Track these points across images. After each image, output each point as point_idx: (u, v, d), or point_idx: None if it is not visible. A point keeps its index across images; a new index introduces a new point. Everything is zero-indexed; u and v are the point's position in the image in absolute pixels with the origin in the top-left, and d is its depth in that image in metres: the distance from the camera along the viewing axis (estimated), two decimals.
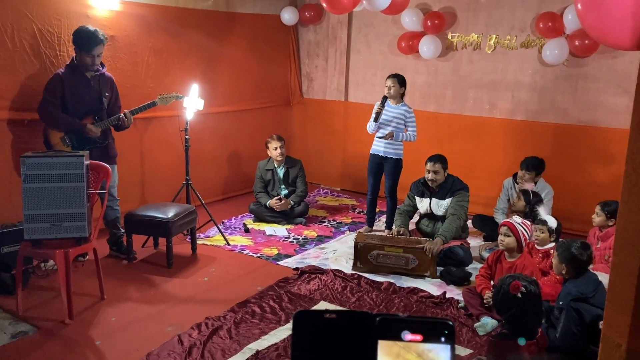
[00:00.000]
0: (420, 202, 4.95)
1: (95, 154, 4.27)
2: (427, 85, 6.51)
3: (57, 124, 4.20)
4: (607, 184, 5.23)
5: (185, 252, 4.82)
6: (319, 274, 4.41)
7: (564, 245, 3.31)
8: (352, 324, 0.63)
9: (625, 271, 1.44)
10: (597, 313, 2.98)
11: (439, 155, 4.82)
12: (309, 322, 0.64)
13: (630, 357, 1.42)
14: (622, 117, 5.23)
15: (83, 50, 4.14)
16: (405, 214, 5.02)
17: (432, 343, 0.61)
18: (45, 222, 3.49)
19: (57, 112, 4.17)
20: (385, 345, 0.61)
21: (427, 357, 0.60)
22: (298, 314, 0.65)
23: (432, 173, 4.76)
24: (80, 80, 4.23)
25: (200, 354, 3.18)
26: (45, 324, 3.50)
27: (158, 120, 5.52)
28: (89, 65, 4.20)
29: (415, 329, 0.61)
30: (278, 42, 7.16)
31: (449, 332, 0.61)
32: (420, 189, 4.94)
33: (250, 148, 6.77)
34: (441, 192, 4.81)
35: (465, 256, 4.58)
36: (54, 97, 4.15)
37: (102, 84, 4.34)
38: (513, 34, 5.83)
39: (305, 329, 0.64)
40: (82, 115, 4.26)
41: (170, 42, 5.62)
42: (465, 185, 4.80)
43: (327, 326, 0.63)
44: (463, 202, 4.73)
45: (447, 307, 3.94)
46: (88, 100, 4.28)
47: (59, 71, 4.23)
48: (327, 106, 7.33)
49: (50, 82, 4.19)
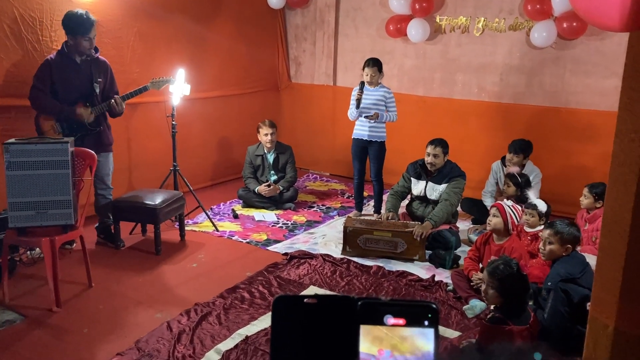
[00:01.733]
0: (416, 184, 4.92)
1: (88, 141, 4.22)
2: (416, 68, 6.48)
3: (47, 110, 4.14)
4: (595, 166, 5.26)
5: (173, 238, 4.79)
6: (308, 258, 4.41)
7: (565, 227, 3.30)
8: (334, 308, 0.61)
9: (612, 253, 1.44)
10: (585, 293, 3.01)
11: (440, 139, 4.77)
12: (289, 307, 0.62)
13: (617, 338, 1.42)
14: (610, 99, 5.24)
15: (79, 34, 4.06)
16: (397, 195, 4.99)
17: (415, 327, 0.59)
18: (30, 209, 3.45)
19: (47, 98, 4.10)
20: (367, 330, 0.60)
21: (409, 341, 0.59)
22: (277, 299, 0.63)
23: (432, 156, 4.73)
24: (69, 65, 4.16)
25: (189, 340, 3.17)
26: (32, 313, 3.47)
27: (144, 106, 5.46)
28: (87, 49, 4.13)
29: (398, 313, 0.59)
30: (265, 26, 7.09)
31: (432, 316, 0.60)
32: (418, 170, 4.89)
33: (238, 133, 6.72)
34: (438, 177, 4.78)
35: (454, 239, 4.59)
36: (43, 83, 4.09)
37: (94, 69, 4.26)
38: (501, 17, 5.80)
39: (285, 314, 0.62)
40: (73, 101, 4.18)
41: (156, 26, 5.54)
42: (462, 173, 4.78)
43: (307, 311, 0.61)
44: (457, 189, 4.71)
45: (436, 290, 3.96)
46: (77, 85, 4.20)
47: (49, 57, 4.16)
48: (315, 91, 7.29)
49: (39, 69, 4.13)
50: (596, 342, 1.46)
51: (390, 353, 0.59)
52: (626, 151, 1.36)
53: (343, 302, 0.61)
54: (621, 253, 1.40)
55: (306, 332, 0.61)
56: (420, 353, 0.59)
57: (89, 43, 4.13)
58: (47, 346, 3.13)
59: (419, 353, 0.59)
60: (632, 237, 1.38)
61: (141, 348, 3.08)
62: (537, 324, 3.03)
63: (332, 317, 0.61)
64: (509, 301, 2.93)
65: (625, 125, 1.36)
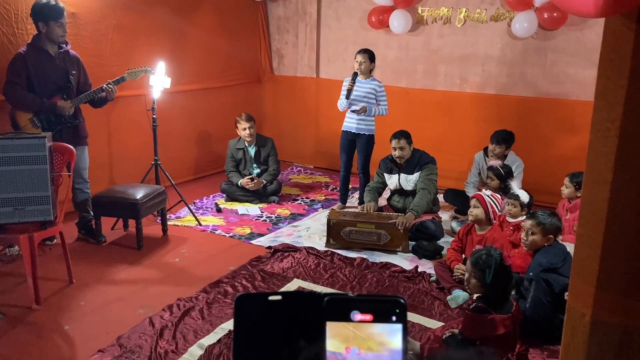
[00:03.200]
0: (390, 178, 4.97)
1: (65, 135, 4.16)
2: (398, 60, 6.47)
3: (26, 105, 4.06)
4: (575, 156, 5.29)
5: (155, 233, 4.75)
6: (292, 251, 4.40)
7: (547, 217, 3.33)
8: (299, 305, 0.60)
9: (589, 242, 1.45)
10: (566, 282, 3.02)
11: (401, 131, 4.85)
12: (252, 305, 0.61)
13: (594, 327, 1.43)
14: (590, 89, 5.25)
15: (52, 20, 3.99)
16: (374, 191, 5.03)
17: (382, 323, 0.58)
18: (7, 206, 3.38)
19: (24, 92, 4.02)
20: (334, 327, 0.58)
21: (377, 338, 0.58)
22: (239, 297, 0.61)
23: (399, 150, 4.79)
24: (44, 58, 4.09)
25: (172, 335, 3.15)
26: (11, 311, 3.41)
27: (124, 100, 5.38)
28: (60, 36, 4.07)
29: (364, 309, 0.58)
30: (247, 18, 7.03)
31: (400, 311, 0.59)
32: (389, 165, 4.96)
33: (220, 127, 6.67)
34: (409, 167, 4.83)
35: (437, 230, 4.62)
36: (18, 77, 4.01)
37: (68, 62, 4.20)
38: (483, 7, 5.80)
39: (248, 313, 0.60)
40: (50, 94, 4.12)
41: (134, 19, 5.46)
42: (432, 159, 4.84)
43: (271, 309, 0.60)
44: (432, 175, 4.76)
45: (420, 281, 3.96)
46: (54, 78, 4.14)
47: (21, 50, 4.07)
48: (298, 83, 7.25)
49: (12, 63, 4.03)
50: (574, 331, 1.47)
51: (357, 351, 0.57)
52: (602, 140, 1.36)
53: (308, 298, 0.60)
54: (598, 243, 1.40)
55: (271, 330, 0.59)
56: (387, 350, 0.57)
57: (62, 29, 4.07)
58: (27, 344, 3.09)
59: (387, 350, 0.57)
60: (609, 226, 1.38)
61: (123, 344, 3.05)
62: (519, 313, 3.05)
63: (297, 314, 0.59)
64: (492, 291, 2.94)
65: (600, 115, 1.36)
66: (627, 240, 1.36)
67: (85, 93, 4.23)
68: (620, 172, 1.34)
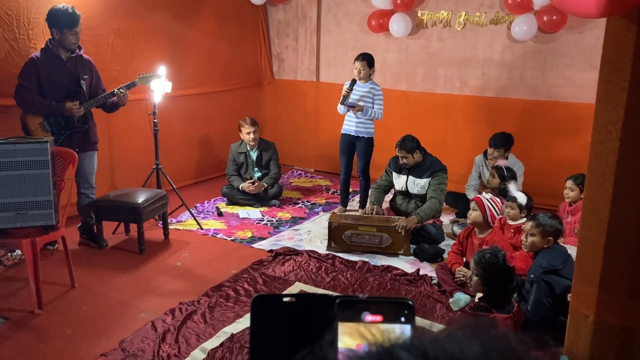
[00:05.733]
0: (398, 178, 4.93)
1: (75, 139, 4.19)
2: (398, 63, 6.49)
3: (35, 108, 4.08)
4: (575, 159, 5.30)
5: (157, 237, 4.76)
6: (293, 255, 4.40)
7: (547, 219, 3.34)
8: (312, 307, 0.61)
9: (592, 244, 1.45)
10: (567, 284, 3.03)
11: (403, 141, 4.74)
12: (268, 307, 0.62)
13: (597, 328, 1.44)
14: (590, 92, 5.28)
15: (66, 28, 4.02)
16: (381, 189, 5.01)
17: (392, 323, 0.59)
18: (10, 211, 3.39)
19: (34, 96, 4.05)
20: (346, 328, 0.59)
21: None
22: (256, 299, 0.62)
23: (403, 158, 4.76)
24: (55, 62, 4.11)
25: (174, 339, 3.16)
26: (14, 315, 3.42)
27: (126, 104, 5.38)
28: (72, 44, 4.09)
29: (375, 310, 0.59)
30: (247, 22, 7.05)
31: (408, 312, 0.60)
32: (399, 165, 4.89)
33: (221, 131, 6.68)
34: (419, 171, 4.79)
35: (438, 234, 4.62)
36: (29, 82, 4.03)
37: (80, 66, 4.22)
38: (482, 11, 5.83)
39: (264, 314, 0.62)
40: (60, 99, 4.13)
41: (135, 23, 5.48)
42: (443, 167, 4.79)
43: (286, 310, 0.61)
44: (442, 184, 4.73)
45: (421, 284, 3.97)
46: (65, 83, 4.16)
47: (34, 55, 4.10)
48: (298, 87, 7.27)
49: (24, 68, 4.07)
50: (577, 332, 1.48)
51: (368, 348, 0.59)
52: (604, 143, 1.37)
53: (321, 300, 0.61)
54: (600, 245, 1.41)
55: (285, 331, 0.61)
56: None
57: (75, 37, 4.09)
58: (30, 348, 3.09)
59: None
60: (611, 228, 1.39)
61: (125, 348, 3.05)
62: (520, 314, 3.06)
63: (311, 315, 0.61)
64: (493, 291, 2.96)
65: (602, 117, 1.37)
66: (629, 242, 1.37)
67: (96, 97, 4.25)
68: (621, 174, 1.35)
